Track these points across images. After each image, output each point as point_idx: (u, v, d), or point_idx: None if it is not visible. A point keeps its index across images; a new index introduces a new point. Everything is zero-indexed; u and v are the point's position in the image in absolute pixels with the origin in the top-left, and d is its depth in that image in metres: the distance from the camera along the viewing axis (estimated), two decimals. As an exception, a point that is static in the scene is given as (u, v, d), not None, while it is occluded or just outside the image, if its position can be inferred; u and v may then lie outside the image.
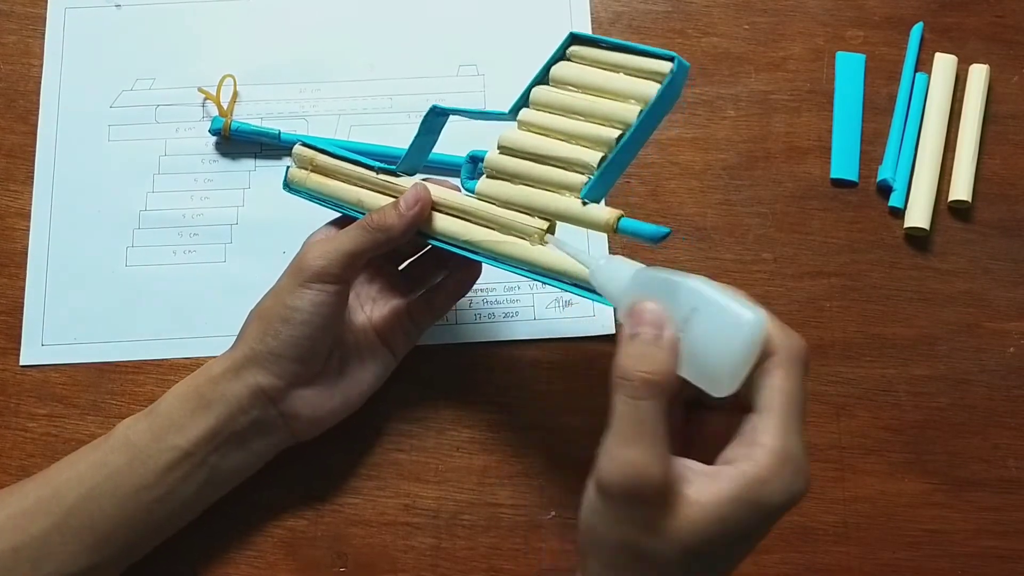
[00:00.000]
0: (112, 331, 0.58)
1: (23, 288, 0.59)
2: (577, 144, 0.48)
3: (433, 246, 0.51)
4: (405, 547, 0.55)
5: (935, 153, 0.61)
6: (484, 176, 0.50)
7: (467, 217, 0.50)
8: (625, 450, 0.37)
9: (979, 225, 0.61)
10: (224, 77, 0.62)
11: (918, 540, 0.56)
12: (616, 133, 0.47)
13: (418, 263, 0.56)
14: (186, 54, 0.63)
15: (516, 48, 0.64)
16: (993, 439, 0.57)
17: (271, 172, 0.61)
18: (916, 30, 0.64)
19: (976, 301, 0.60)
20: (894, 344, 0.59)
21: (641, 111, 0.46)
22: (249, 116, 0.62)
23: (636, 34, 0.64)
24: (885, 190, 0.61)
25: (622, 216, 0.46)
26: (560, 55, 0.49)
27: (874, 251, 0.60)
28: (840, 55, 0.64)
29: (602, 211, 0.47)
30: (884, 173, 0.61)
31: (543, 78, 0.49)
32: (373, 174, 0.52)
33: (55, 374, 0.57)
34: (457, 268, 0.55)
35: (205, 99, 0.62)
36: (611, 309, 0.57)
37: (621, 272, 0.43)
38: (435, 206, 0.50)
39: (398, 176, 0.52)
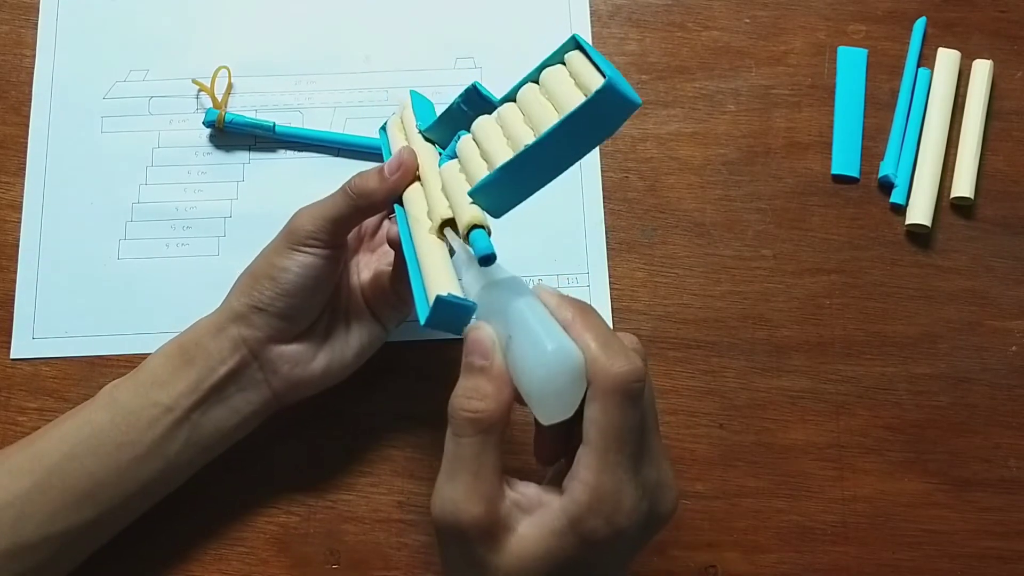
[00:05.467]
0: (104, 324, 0.58)
1: (14, 281, 0.58)
2: (508, 146, 0.44)
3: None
4: (398, 544, 0.54)
5: (937, 149, 0.61)
6: (453, 158, 0.48)
7: (424, 191, 0.48)
8: (446, 486, 0.38)
9: (981, 222, 0.60)
10: (219, 69, 0.61)
11: (918, 540, 0.55)
12: (529, 140, 0.42)
13: None
14: (180, 45, 0.63)
15: (514, 41, 0.63)
16: (994, 439, 0.57)
17: (265, 165, 0.61)
18: (919, 25, 0.63)
19: (978, 299, 0.59)
20: (895, 342, 0.58)
21: (552, 124, 0.41)
22: (243, 108, 0.62)
23: (635, 28, 0.63)
24: (886, 186, 0.61)
25: (476, 226, 0.43)
26: (558, 58, 0.44)
27: (875, 248, 0.60)
28: (842, 50, 0.63)
29: (466, 211, 0.43)
30: (886, 169, 0.60)
31: (536, 76, 0.46)
32: (415, 134, 0.51)
33: (46, 368, 0.57)
34: None
35: (199, 91, 0.61)
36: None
37: (476, 285, 0.41)
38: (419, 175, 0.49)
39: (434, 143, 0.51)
